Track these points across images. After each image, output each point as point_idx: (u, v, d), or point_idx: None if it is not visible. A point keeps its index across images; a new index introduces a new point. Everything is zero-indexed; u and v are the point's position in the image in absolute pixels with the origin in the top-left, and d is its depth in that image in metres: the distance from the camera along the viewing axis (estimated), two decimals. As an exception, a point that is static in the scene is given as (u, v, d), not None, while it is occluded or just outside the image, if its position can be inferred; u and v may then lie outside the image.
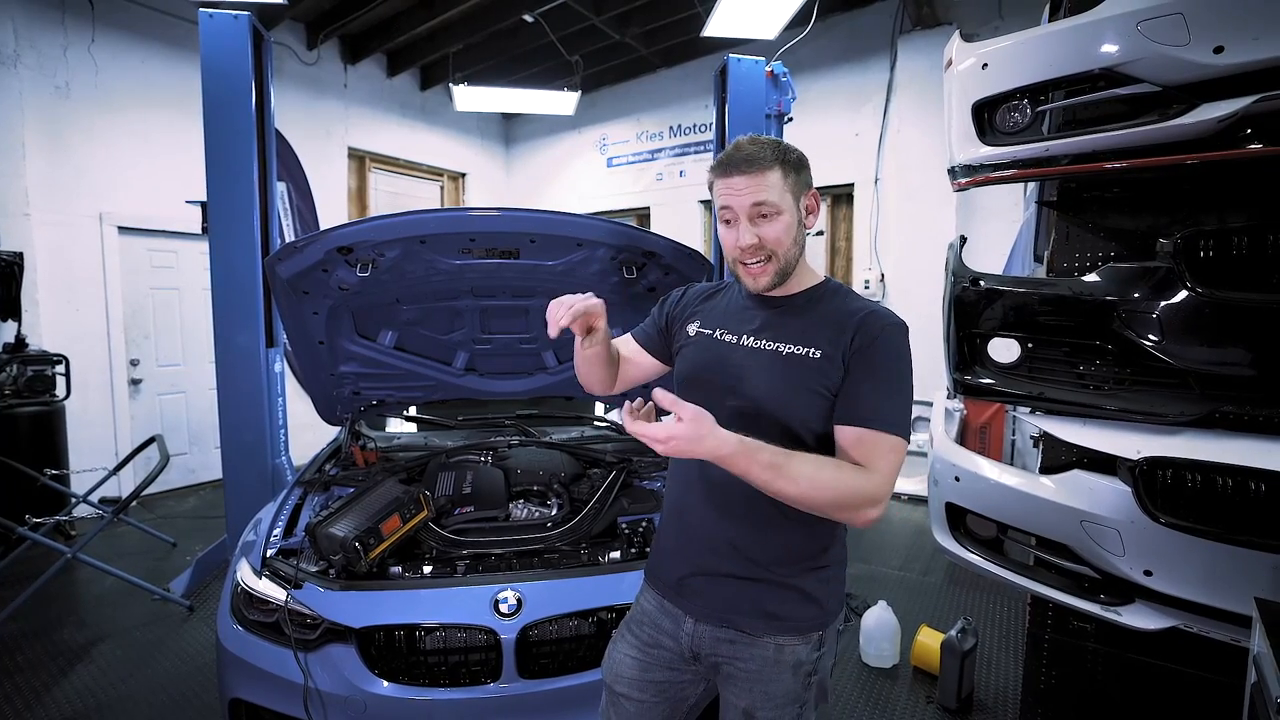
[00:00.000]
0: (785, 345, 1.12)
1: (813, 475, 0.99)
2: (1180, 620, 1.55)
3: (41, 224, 4.17)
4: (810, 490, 0.98)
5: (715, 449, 0.94)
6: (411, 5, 5.29)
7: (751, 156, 1.08)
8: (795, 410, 1.09)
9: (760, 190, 1.08)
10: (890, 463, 1.03)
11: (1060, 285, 1.62)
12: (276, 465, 3.17)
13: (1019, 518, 1.72)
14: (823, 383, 1.08)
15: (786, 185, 1.10)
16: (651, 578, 1.29)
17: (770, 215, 1.09)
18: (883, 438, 1.03)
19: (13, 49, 4.02)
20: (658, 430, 0.93)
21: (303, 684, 1.57)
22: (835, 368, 1.08)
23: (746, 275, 1.14)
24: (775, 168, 1.08)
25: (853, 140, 5.30)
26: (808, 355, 1.10)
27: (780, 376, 1.11)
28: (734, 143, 1.13)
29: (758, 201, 1.08)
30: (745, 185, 1.08)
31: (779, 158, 1.09)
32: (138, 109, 4.58)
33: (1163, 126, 1.39)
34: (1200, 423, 1.47)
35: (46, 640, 2.83)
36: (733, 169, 1.09)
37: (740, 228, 1.10)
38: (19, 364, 3.82)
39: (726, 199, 1.11)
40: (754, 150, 1.09)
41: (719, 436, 0.94)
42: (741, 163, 1.09)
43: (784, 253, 1.11)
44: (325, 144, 5.90)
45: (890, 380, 1.07)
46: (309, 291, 2.05)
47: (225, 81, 2.88)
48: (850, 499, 1.00)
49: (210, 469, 4.97)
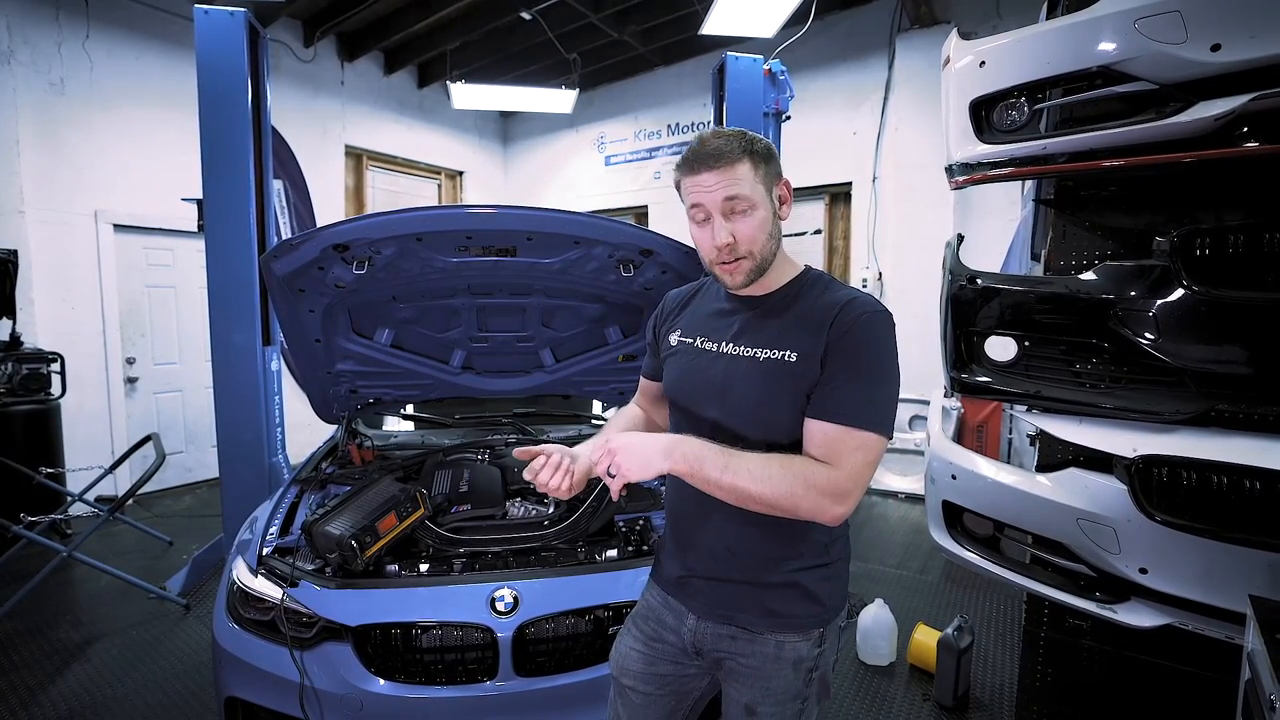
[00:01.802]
0: (762, 350, 1.09)
1: (760, 478, 0.97)
2: (1175, 618, 1.55)
3: (36, 221, 4.15)
4: (760, 492, 0.97)
5: (647, 465, 1.02)
6: (409, 3, 5.27)
7: (718, 150, 1.03)
8: (777, 419, 1.07)
9: (731, 184, 1.03)
10: (857, 459, 0.98)
11: (1057, 283, 1.62)
12: (273, 464, 3.16)
13: (1015, 516, 1.72)
14: (803, 387, 1.04)
15: (757, 177, 1.05)
16: (655, 573, 1.31)
17: (744, 210, 1.05)
18: (850, 434, 0.99)
19: (6, 45, 4.00)
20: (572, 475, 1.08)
21: (299, 682, 1.57)
22: (813, 367, 1.04)
23: (724, 273, 1.09)
24: (744, 159, 1.04)
25: (850, 139, 5.30)
26: (784, 359, 1.06)
27: (759, 385, 1.08)
28: (698, 137, 1.08)
29: (729, 196, 1.03)
30: (715, 181, 1.04)
31: (746, 149, 1.04)
32: (133, 106, 4.56)
33: (1160, 125, 1.40)
34: (1196, 421, 1.48)
35: (42, 639, 2.82)
36: (700, 165, 1.04)
37: (715, 225, 1.05)
38: (14, 362, 3.80)
39: (697, 196, 1.06)
40: (719, 144, 1.04)
41: (643, 455, 1.02)
42: (708, 157, 1.04)
43: (759, 249, 1.07)
44: (322, 142, 5.89)
45: (866, 372, 1.01)
46: (305, 289, 2.04)
47: (221, 79, 2.87)
48: (804, 494, 0.96)
49: (207, 467, 4.96)
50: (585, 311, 2.34)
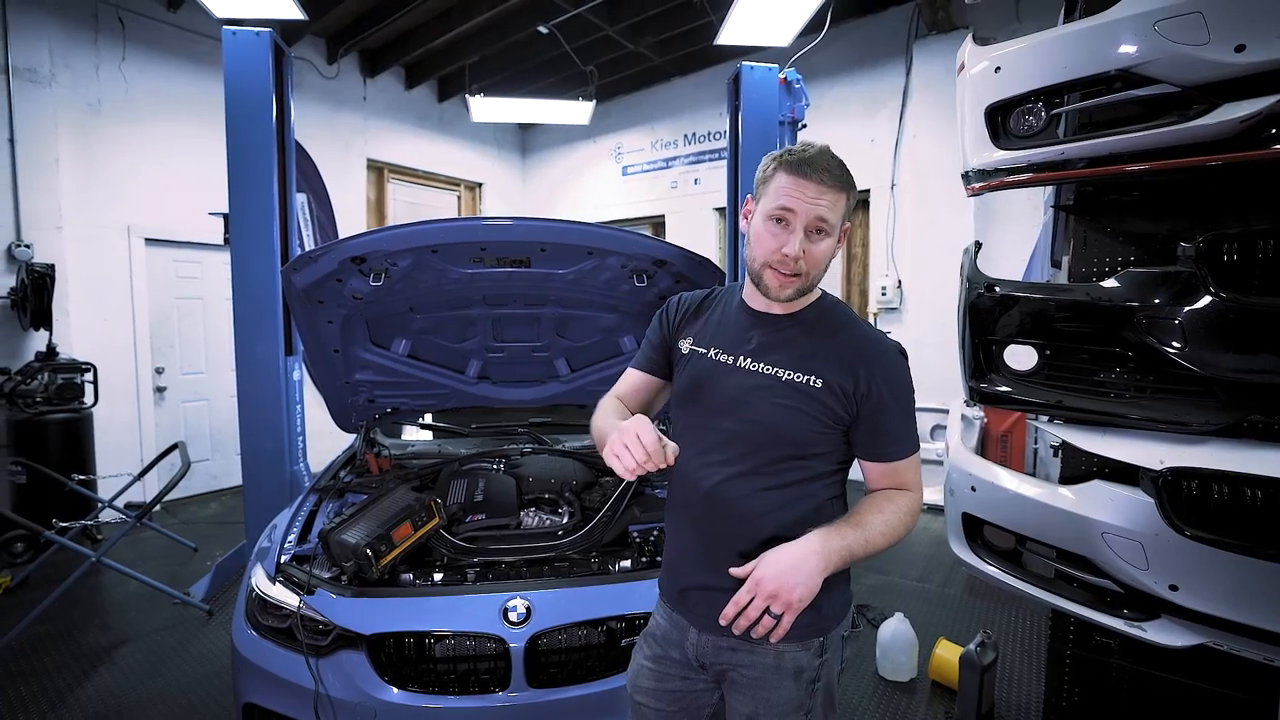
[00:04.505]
0: (785, 371, 1.12)
1: (886, 530, 1.08)
2: (1209, 637, 1.49)
3: (72, 236, 4.30)
4: (890, 541, 1.09)
5: (811, 581, 0.99)
6: (429, 19, 5.38)
7: (832, 168, 1.07)
8: (793, 434, 1.11)
9: (829, 206, 1.06)
10: (917, 476, 1.16)
11: (1078, 291, 1.58)
12: (295, 472, 3.21)
13: (1037, 529, 1.67)
14: (825, 412, 1.10)
15: (844, 213, 1.10)
16: (660, 588, 1.31)
17: (825, 235, 1.08)
18: (907, 461, 1.14)
19: (49, 69, 4.17)
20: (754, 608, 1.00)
21: (314, 690, 1.58)
22: (838, 400, 1.10)
23: (773, 280, 1.10)
24: (846, 192, 1.09)
25: (868, 146, 5.26)
26: (808, 383, 1.10)
27: (781, 404, 1.10)
28: (815, 147, 1.10)
29: (822, 217, 1.06)
30: (819, 195, 1.05)
31: (851, 184, 1.10)
32: (165, 124, 4.71)
33: (1183, 128, 1.36)
34: (1227, 432, 1.42)
35: (72, 643, 2.89)
36: (812, 173, 1.05)
37: (795, 235, 1.06)
38: (49, 372, 3.93)
39: (792, 201, 1.06)
40: (836, 165, 1.08)
41: (804, 573, 0.99)
42: (824, 171, 1.06)
43: (814, 275, 1.11)
44: (345, 155, 6.02)
45: (903, 409, 1.13)
46: (324, 301, 2.08)
47: (247, 96, 2.95)
48: (913, 523, 1.12)
49: (232, 475, 5.05)
50: (600, 321, 2.34)
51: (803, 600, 0.98)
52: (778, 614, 0.98)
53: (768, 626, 0.99)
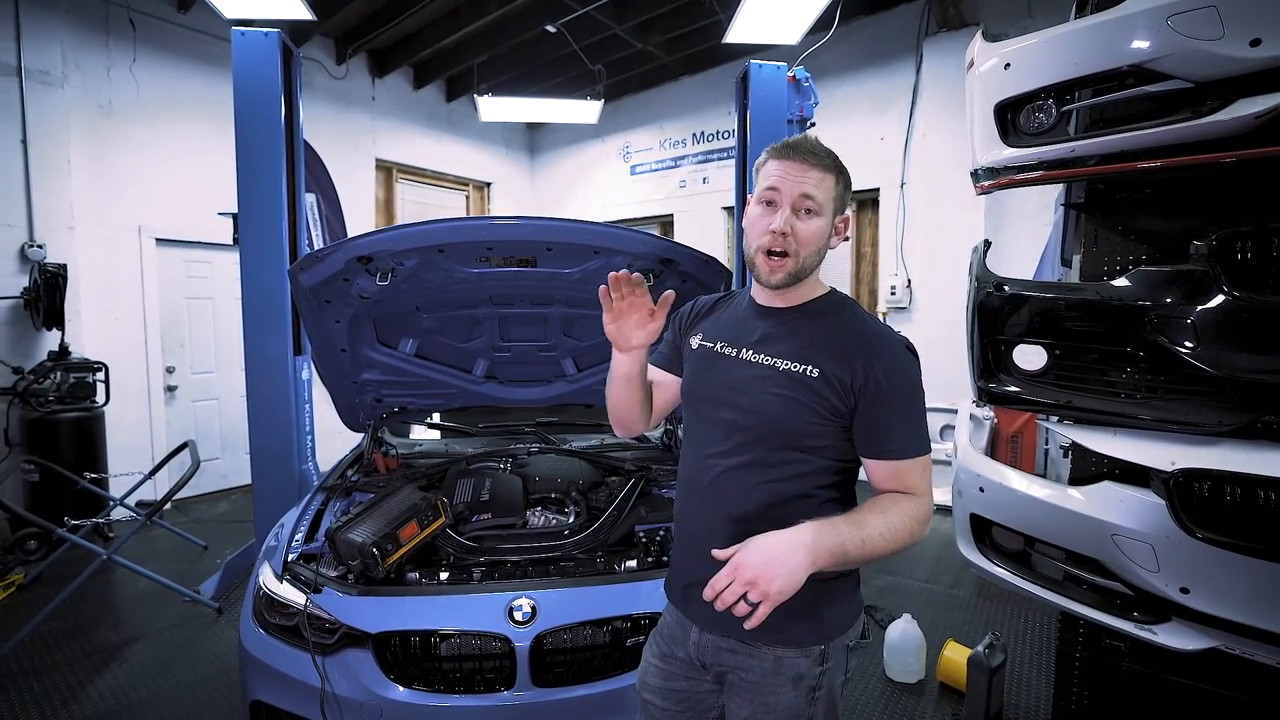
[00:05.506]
0: (783, 361, 1.12)
1: (886, 533, 1.02)
2: (1221, 641, 1.47)
3: (84, 237, 4.35)
4: (892, 546, 1.02)
5: (794, 575, 0.93)
6: (437, 19, 5.40)
7: (817, 150, 1.10)
8: (789, 425, 1.10)
9: (815, 184, 1.08)
10: (926, 480, 1.10)
11: (1088, 290, 1.57)
12: (303, 470, 3.22)
13: (1046, 531, 1.66)
14: (819, 402, 1.08)
15: (834, 194, 1.11)
16: (666, 586, 1.31)
17: (812, 213, 1.09)
18: (915, 462, 1.08)
19: (60, 71, 4.21)
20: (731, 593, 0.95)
21: (320, 688, 1.59)
22: (834, 391, 1.08)
23: (764, 265, 1.11)
24: (833, 172, 1.10)
25: (877, 145, 5.23)
26: (805, 373, 1.09)
27: (776, 393, 1.10)
28: (799, 134, 1.16)
29: (807, 194, 1.08)
30: (803, 173, 1.08)
31: (838, 168, 1.12)
32: (175, 125, 4.75)
33: (1196, 124, 1.34)
34: (1240, 433, 1.40)
35: (83, 639, 2.92)
36: (795, 154, 1.09)
37: (780, 212, 1.09)
38: (62, 371, 3.98)
39: (778, 180, 1.09)
40: (820, 147, 1.11)
41: (788, 566, 0.93)
42: (806, 152, 1.09)
43: (805, 256, 1.10)
44: (353, 155, 6.05)
45: (910, 406, 1.09)
46: (331, 300, 2.09)
47: (256, 97, 2.97)
48: (920, 530, 1.06)
49: (241, 474, 5.09)
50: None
51: (781, 593, 0.92)
52: (754, 602, 0.93)
53: (744, 611, 0.94)
